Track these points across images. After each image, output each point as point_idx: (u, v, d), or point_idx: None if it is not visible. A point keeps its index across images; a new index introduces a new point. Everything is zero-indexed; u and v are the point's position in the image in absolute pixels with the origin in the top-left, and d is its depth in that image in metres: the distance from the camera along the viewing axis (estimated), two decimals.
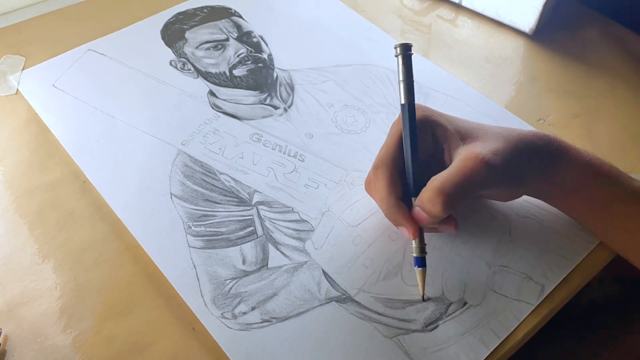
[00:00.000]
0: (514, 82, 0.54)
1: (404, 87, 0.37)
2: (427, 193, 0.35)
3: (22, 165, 0.45)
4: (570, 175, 0.38)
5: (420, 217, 0.36)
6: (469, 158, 0.36)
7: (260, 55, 0.54)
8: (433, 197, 0.35)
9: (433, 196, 0.35)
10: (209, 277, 0.39)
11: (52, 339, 0.36)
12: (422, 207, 0.36)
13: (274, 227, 0.42)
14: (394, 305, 0.38)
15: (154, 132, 0.47)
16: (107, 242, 0.41)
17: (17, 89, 0.51)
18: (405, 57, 0.37)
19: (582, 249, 0.41)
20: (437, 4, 0.62)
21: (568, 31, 0.59)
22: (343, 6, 0.61)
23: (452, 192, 0.35)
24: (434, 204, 0.35)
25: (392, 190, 0.37)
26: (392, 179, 0.37)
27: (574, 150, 0.39)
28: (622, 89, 0.54)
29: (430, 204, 0.35)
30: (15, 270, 0.39)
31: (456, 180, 0.35)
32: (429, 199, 0.35)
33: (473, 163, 0.35)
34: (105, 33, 0.56)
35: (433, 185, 0.35)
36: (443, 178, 0.35)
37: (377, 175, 0.38)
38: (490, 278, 0.39)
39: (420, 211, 0.36)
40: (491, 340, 0.36)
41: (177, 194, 0.43)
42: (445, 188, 0.35)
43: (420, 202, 0.36)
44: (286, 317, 0.37)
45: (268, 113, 0.49)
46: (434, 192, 0.35)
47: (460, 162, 0.36)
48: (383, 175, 0.37)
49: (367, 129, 0.49)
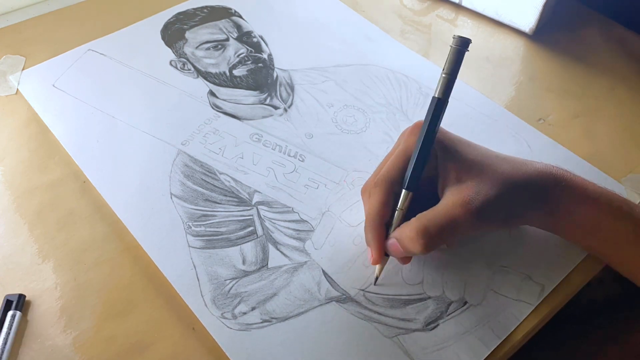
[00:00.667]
0: (514, 82, 0.54)
1: (444, 80, 0.35)
2: (410, 231, 0.35)
3: (22, 165, 0.45)
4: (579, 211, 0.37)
5: (394, 249, 0.36)
6: (457, 204, 0.35)
7: (260, 55, 0.54)
8: (415, 236, 0.34)
9: (415, 236, 0.34)
10: (209, 277, 0.39)
11: (52, 339, 0.36)
12: (400, 241, 0.35)
13: (274, 227, 0.42)
14: (394, 305, 0.38)
15: (154, 132, 0.47)
16: (107, 242, 0.41)
17: (17, 89, 0.51)
18: (456, 51, 0.35)
19: (582, 249, 0.41)
20: (437, 4, 0.62)
21: (568, 31, 0.59)
22: (343, 6, 0.61)
23: (434, 234, 0.34)
24: (415, 243, 0.34)
25: (381, 213, 0.37)
26: (387, 201, 0.37)
27: (582, 186, 0.37)
28: (622, 89, 0.54)
29: (410, 242, 0.35)
30: (15, 270, 0.39)
31: (441, 224, 0.34)
32: (410, 238, 0.35)
33: (460, 211, 0.34)
34: (105, 33, 0.56)
35: (417, 224, 0.35)
36: (427, 219, 0.35)
37: (374, 191, 0.37)
38: (490, 278, 0.39)
39: (396, 244, 0.36)
40: (491, 339, 0.36)
41: (177, 194, 0.43)
42: (429, 230, 0.34)
43: (400, 236, 0.36)
44: (286, 317, 0.37)
45: (268, 113, 0.49)
46: (417, 232, 0.34)
47: (449, 206, 0.35)
48: (380, 194, 0.37)
49: (367, 129, 0.49)
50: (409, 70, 0.54)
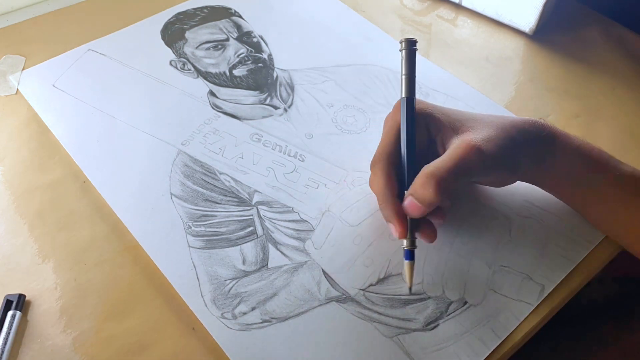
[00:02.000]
0: (514, 82, 0.54)
1: (406, 80, 0.39)
2: (419, 179, 0.36)
3: (22, 165, 0.45)
4: (560, 161, 0.39)
5: (411, 206, 0.36)
6: (462, 146, 0.36)
7: (260, 55, 0.54)
8: (425, 182, 0.35)
9: (425, 181, 0.35)
10: (209, 277, 0.39)
11: (52, 339, 0.36)
12: (414, 195, 0.36)
13: (274, 227, 0.42)
14: (394, 305, 0.38)
15: (154, 132, 0.47)
16: (107, 242, 0.41)
17: (17, 89, 0.51)
18: (409, 52, 0.39)
19: (582, 249, 0.41)
20: (437, 4, 0.62)
21: (568, 31, 0.59)
22: (343, 6, 0.61)
23: (444, 176, 0.35)
24: (426, 188, 0.35)
25: (389, 186, 0.37)
26: (389, 175, 0.38)
27: (565, 136, 0.39)
28: (622, 89, 0.54)
29: (422, 189, 0.35)
30: (15, 270, 0.39)
31: (448, 166, 0.36)
32: (421, 185, 0.35)
33: (465, 150, 0.36)
34: (105, 33, 0.56)
35: (425, 171, 0.36)
36: (435, 163, 0.36)
37: (374, 171, 0.38)
38: (490, 278, 0.39)
39: (412, 201, 0.36)
40: (491, 339, 0.36)
41: (177, 194, 0.43)
42: (437, 172, 0.35)
43: (413, 190, 0.36)
44: (286, 317, 0.37)
45: (268, 113, 0.49)
46: (426, 177, 0.35)
47: (453, 149, 0.36)
48: (380, 171, 0.38)
49: (367, 129, 0.49)
50: None
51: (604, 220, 0.41)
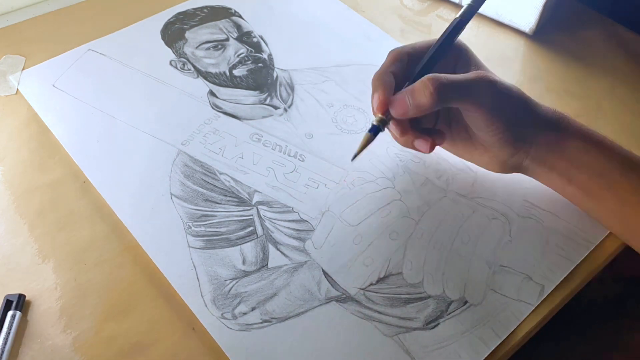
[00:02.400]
0: (514, 82, 0.54)
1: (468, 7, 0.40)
2: (422, 80, 0.35)
3: (22, 165, 0.45)
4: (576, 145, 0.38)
5: (399, 101, 0.36)
6: (477, 72, 0.36)
7: (260, 55, 0.54)
8: (426, 82, 0.34)
9: (427, 82, 0.34)
10: (209, 277, 0.39)
11: (52, 339, 0.36)
12: (410, 94, 0.35)
13: (274, 227, 0.42)
14: (395, 304, 0.38)
15: (154, 132, 0.47)
16: (107, 242, 0.41)
17: (17, 89, 0.51)
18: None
19: (582, 249, 0.41)
20: (437, 4, 0.62)
21: (568, 31, 0.59)
22: (343, 6, 0.61)
23: (447, 84, 0.35)
24: (424, 89, 0.34)
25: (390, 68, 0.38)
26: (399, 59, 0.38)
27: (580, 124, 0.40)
28: (622, 89, 0.54)
29: (420, 90, 0.35)
30: (15, 270, 0.39)
31: (456, 78, 0.35)
32: (421, 84, 0.35)
33: (478, 75, 0.36)
34: (105, 33, 0.56)
35: (430, 75, 0.35)
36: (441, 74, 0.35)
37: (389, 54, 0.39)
38: (490, 278, 0.39)
39: (402, 96, 0.36)
40: (491, 339, 0.36)
41: (177, 194, 0.43)
42: (441, 78, 0.35)
43: (410, 90, 0.36)
44: (286, 317, 0.37)
45: (268, 113, 0.49)
46: (428, 79, 0.35)
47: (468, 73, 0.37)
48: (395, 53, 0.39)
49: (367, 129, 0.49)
50: None
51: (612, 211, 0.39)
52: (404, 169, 0.45)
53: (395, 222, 0.42)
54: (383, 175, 0.45)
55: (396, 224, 0.42)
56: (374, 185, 0.44)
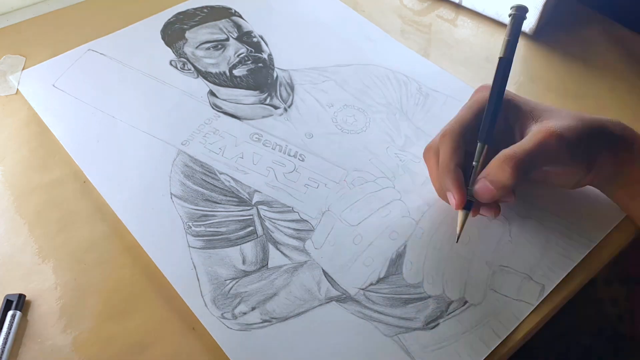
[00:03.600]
0: (514, 82, 0.54)
1: (507, 42, 0.39)
2: (496, 161, 0.35)
3: (22, 165, 0.45)
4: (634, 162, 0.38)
5: (483, 189, 0.36)
6: (542, 131, 0.36)
7: (260, 55, 0.54)
8: (503, 163, 0.35)
9: (503, 163, 0.35)
10: (209, 277, 0.39)
11: (52, 339, 0.36)
12: (489, 177, 0.35)
13: (274, 227, 0.42)
14: (395, 304, 0.38)
15: (154, 132, 0.47)
16: (107, 242, 0.41)
17: (17, 89, 0.51)
18: (517, 17, 0.39)
19: (582, 249, 0.41)
20: (437, 4, 0.62)
21: (568, 31, 0.59)
22: (343, 6, 0.61)
23: (522, 157, 0.35)
24: (504, 169, 0.34)
25: (455, 156, 0.37)
26: (458, 146, 0.37)
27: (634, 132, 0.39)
28: (622, 89, 0.54)
29: (499, 171, 0.35)
30: (15, 270, 0.39)
31: (528, 149, 0.35)
32: (498, 166, 0.35)
33: (545, 135, 0.35)
34: (105, 33, 0.56)
35: (503, 153, 0.35)
36: (513, 147, 0.35)
37: (444, 139, 0.38)
38: (490, 278, 0.39)
39: (483, 182, 0.36)
40: (491, 339, 0.36)
41: (177, 194, 0.43)
42: (517, 154, 0.35)
43: (487, 172, 0.36)
44: (286, 317, 0.37)
45: (268, 113, 0.49)
46: (504, 158, 0.35)
47: (533, 134, 0.36)
48: (451, 140, 0.37)
49: (367, 129, 0.49)
50: (409, 70, 0.54)
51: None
52: (404, 169, 0.45)
53: (395, 222, 0.42)
54: (383, 175, 0.45)
55: (396, 224, 0.42)
56: (374, 185, 0.44)
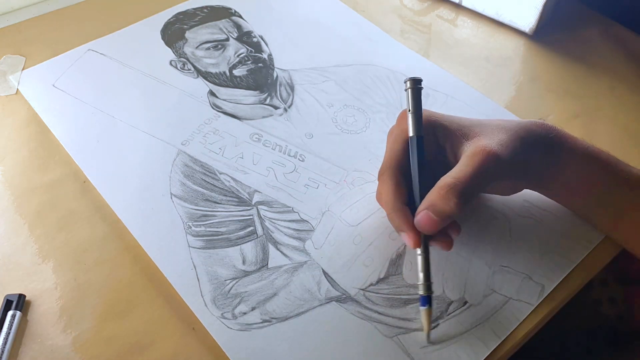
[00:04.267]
0: (514, 82, 0.54)
1: (413, 119, 0.37)
2: (438, 191, 0.34)
3: (22, 165, 0.45)
4: (569, 164, 0.38)
5: (426, 220, 0.35)
6: (477, 152, 0.35)
7: (260, 55, 0.54)
8: (446, 193, 0.34)
9: (447, 192, 0.34)
10: (209, 277, 0.39)
11: (52, 339, 0.36)
12: (432, 208, 0.34)
13: (274, 227, 0.42)
14: (394, 305, 0.38)
15: (154, 132, 0.47)
16: (107, 242, 0.41)
17: (17, 89, 0.51)
18: (414, 90, 0.38)
19: (582, 249, 0.41)
20: (437, 4, 0.62)
21: (568, 31, 0.59)
22: (343, 6, 0.61)
23: (466, 186, 0.34)
24: (448, 200, 0.34)
25: (398, 194, 0.37)
26: (398, 184, 0.37)
27: (572, 138, 0.39)
28: (622, 89, 0.54)
29: (443, 202, 0.34)
30: (15, 270, 0.39)
31: (468, 175, 0.34)
32: (441, 197, 0.34)
33: (482, 156, 0.35)
34: (105, 33, 0.56)
35: (444, 182, 0.35)
36: (454, 174, 0.35)
37: (382, 180, 0.38)
38: (490, 278, 0.39)
39: (426, 214, 0.35)
40: (491, 339, 0.36)
41: (177, 194, 0.43)
42: (458, 183, 0.34)
43: (429, 203, 0.35)
44: (286, 317, 0.37)
45: (268, 113, 0.49)
46: (446, 189, 0.34)
47: (469, 157, 0.35)
48: (389, 179, 0.37)
49: (367, 129, 0.49)
50: (409, 70, 0.54)
51: (611, 223, 0.40)
52: None
53: None
54: None
55: None
56: (374, 185, 0.44)
